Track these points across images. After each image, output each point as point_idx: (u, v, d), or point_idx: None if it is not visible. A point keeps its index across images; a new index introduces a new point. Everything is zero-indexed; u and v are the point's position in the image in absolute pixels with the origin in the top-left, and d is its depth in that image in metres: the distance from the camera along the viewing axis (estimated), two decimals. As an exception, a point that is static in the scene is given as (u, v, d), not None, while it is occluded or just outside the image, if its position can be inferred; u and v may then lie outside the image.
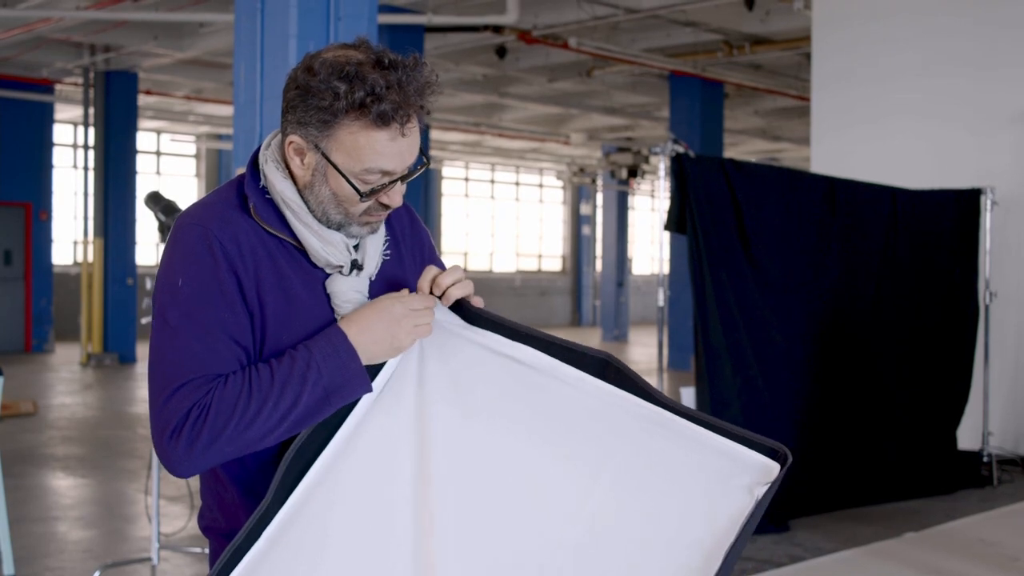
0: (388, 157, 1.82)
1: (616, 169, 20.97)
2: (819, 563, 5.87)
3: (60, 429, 10.17)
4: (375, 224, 1.93)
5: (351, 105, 1.78)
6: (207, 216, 1.89)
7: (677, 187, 6.52)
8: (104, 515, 6.99)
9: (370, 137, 1.80)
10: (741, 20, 13.19)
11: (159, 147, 23.27)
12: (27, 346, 17.47)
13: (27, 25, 12.95)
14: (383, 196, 1.87)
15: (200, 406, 1.78)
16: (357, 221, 1.90)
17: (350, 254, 1.92)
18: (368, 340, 1.84)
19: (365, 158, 1.81)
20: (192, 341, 1.82)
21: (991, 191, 8.30)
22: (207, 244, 1.85)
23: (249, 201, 1.91)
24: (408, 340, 1.85)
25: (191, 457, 1.78)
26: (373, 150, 1.81)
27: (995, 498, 7.60)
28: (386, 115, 1.78)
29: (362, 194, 1.84)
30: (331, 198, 1.87)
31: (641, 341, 22.24)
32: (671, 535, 1.80)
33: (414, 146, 1.85)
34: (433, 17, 11.84)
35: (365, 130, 1.80)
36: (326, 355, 1.81)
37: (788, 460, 1.81)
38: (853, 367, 7.39)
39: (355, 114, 1.79)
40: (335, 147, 1.83)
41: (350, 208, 1.88)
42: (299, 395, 1.79)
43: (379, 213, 1.90)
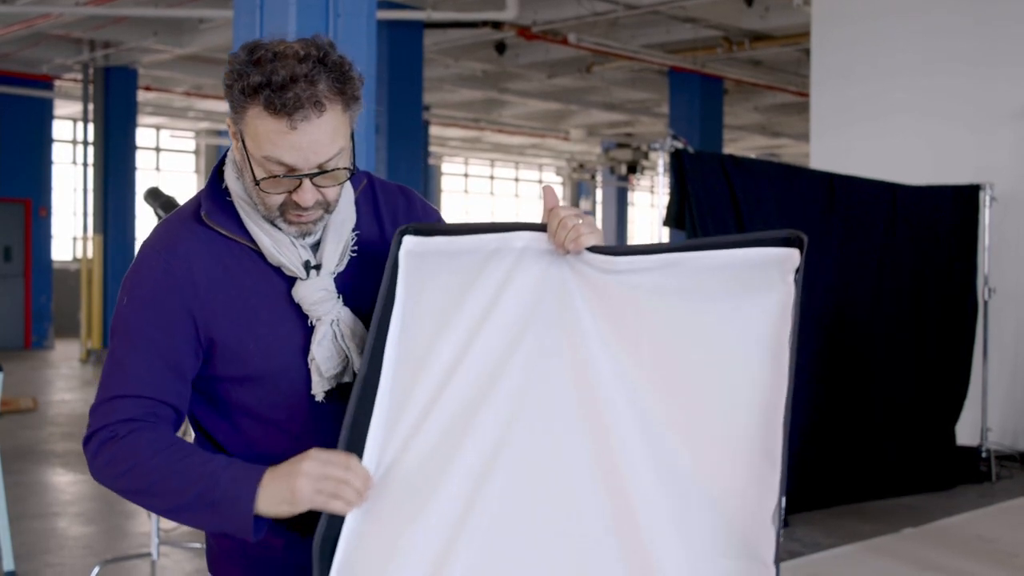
0: (282, 149, 1.76)
1: (615, 165, 20.96)
2: (818, 559, 5.87)
3: (60, 425, 10.18)
4: (304, 226, 1.86)
5: (248, 88, 1.75)
6: (166, 241, 1.90)
7: (676, 183, 6.52)
8: (104, 511, 7.00)
9: (265, 124, 1.76)
10: (741, 16, 13.19)
11: (159, 143, 23.27)
12: (27, 342, 17.47)
13: (27, 21, 12.95)
14: (294, 193, 1.81)
15: (110, 431, 1.82)
16: (281, 218, 1.85)
17: (301, 254, 1.89)
18: (272, 487, 1.77)
19: (264, 146, 1.78)
20: (127, 359, 1.85)
21: (990, 187, 8.31)
22: (153, 269, 1.88)
23: (202, 208, 1.90)
24: (307, 499, 1.75)
25: (94, 469, 1.85)
26: (268, 139, 1.77)
27: (994, 494, 7.60)
28: (273, 103, 1.73)
29: (256, 180, 1.81)
30: (251, 185, 1.85)
31: (641, 337, 22.21)
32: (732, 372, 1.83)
33: (320, 144, 1.77)
34: (432, 13, 11.83)
35: (261, 117, 1.76)
36: (226, 481, 1.77)
37: (804, 241, 1.91)
38: (852, 363, 7.39)
39: (254, 98, 1.76)
40: (246, 130, 1.81)
41: (265, 199, 1.83)
42: (187, 489, 1.77)
43: (298, 213, 1.83)
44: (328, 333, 1.89)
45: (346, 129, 1.83)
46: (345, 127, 1.83)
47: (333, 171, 1.81)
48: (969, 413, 8.30)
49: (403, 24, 12.10)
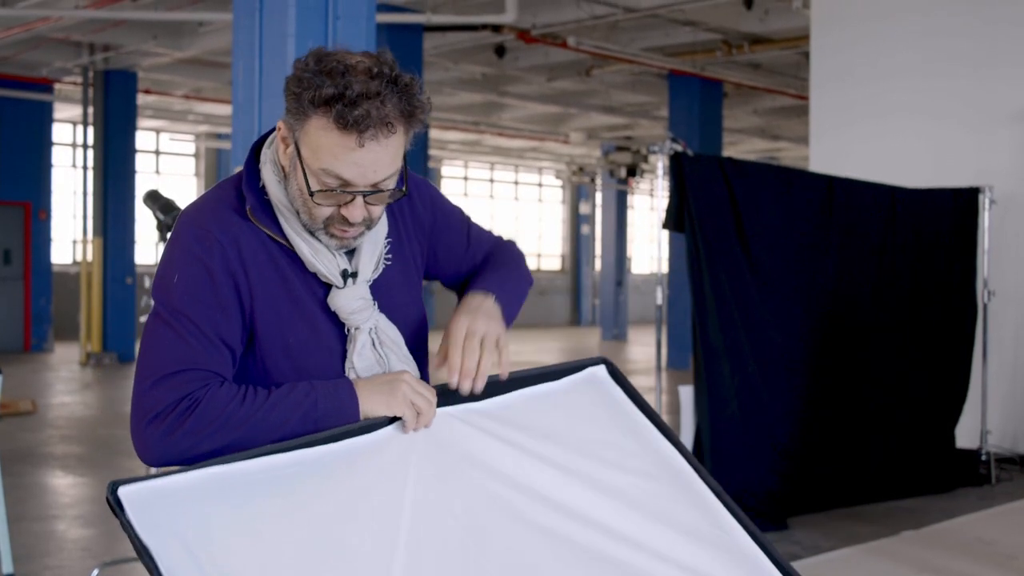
0: (344, 164, 1.77)
1: (615, 168, 20.98)
2: (817, 561, 5.87)
3: (59, 428, 10.17)
4: (345, 240, 1.88)
5: (319, 99, 1.75)
6: (209, 218, 1.88)
7: (675, 186, 6.52)
8: (103, 514, 6.99)
9: (331, 138, 1.76)
10: (740, 19, 13.20)
11: (158, 146, 23.27)
12: (26, 345, 17.46)
13: (26, 24, 12.95)
14: (344, 208, 1.82)
15: (191, 398, 1.77)
16: (323, 230, 1.86)
17: (339, 262, 1.90)
18: (368, 387, 1.84)
19: (323, 158, 1.78)
20: (183, 336, 1.82)
21: (989, 190, 8.31)
22: (207, 246, 1.85)
23: (247, 203, 1.90)
24: (403, 404, 1.84)
25: (166, 444, 1.77)
26: (330, 152, 1.77)
27: (993, 496, 7.60)
28: (345, 119, 1.73)
29: (311, 192, 1.80)
30: (298, 194, 1.85)
31: (640, 340, 22.24)
32: None
33: (381, 163, 1.79)
34: (432, 16, 11.83)
35: (327, 129, 1.76)
36: (327, 391, 1.81)
37: (608, 361, 2.09)
38: (851, 366, 7.39)
39: (323, 110, 1.75)
40: (304, 139, 1.80)
41: (312, 210, 1.83)
42: (288, 418, 1.78)
43: (343, 227, 1.85)
44: (367, 341, 1.91)
45: (402, 149, 1.84)
46: (403, 148, 1.84)
47: (387, 192, 1.83)
48: (968, 416, 8.30)
49: (402, 27, 12.11)
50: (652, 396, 11.78)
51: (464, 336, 1.91)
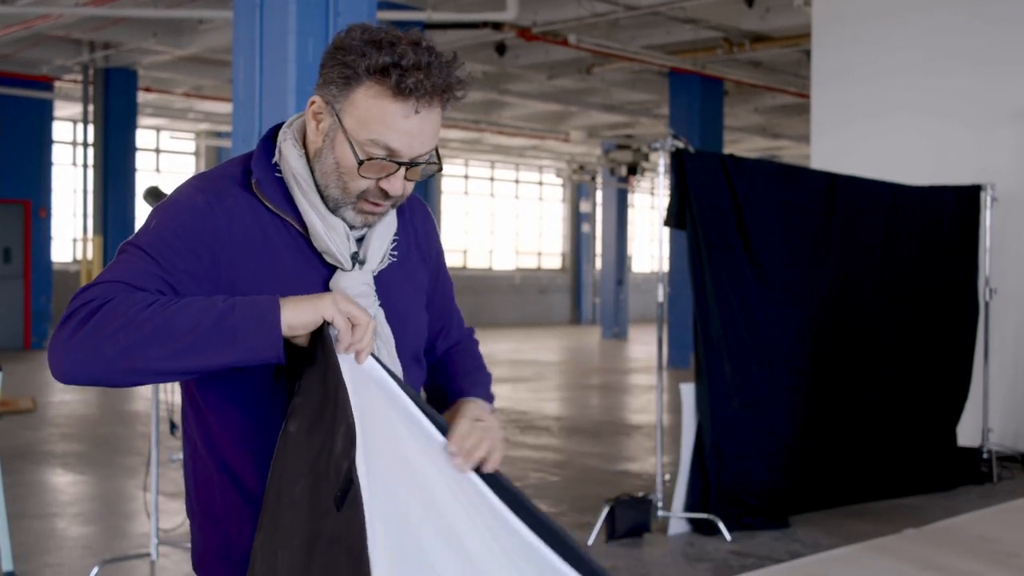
0: (396, 133, 1.77)
1: (616, 166, 21.00)
2: (819, 559, 5.86)
3: (59, 426, 10.17)
4: (371, 216, 1.86)
5: (375, 67, 1.75)
6: (207, 186, 1.86)
7: (676, 183, 6.51)
8: (103, 511, 6.99)
9: (383, 106, 1.76)
10: (741, 17, 13.19)
11: (158, 144, 23.28)
12: (26, 343, 17.46)
13: (26, 22, 12.94)
14: (384, 181, 1.81)
15: (100, 299, 1.68)
16: (353, 205, 1.84)
17: (351, 244, 1.87)
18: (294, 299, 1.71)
19: (373, 127, 1.77)
20: (132, 261, 1.76)
21: (991, 188, 8.30)
22: (195, 205, 1.81)
23: (252, 176, 1.87)
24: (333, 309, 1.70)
25: (65, 351, 1.65)
26: (383, 121, 1.76)
27: (995, 495, 7.59)
28: (405, 86, 1.74)
29: (360, 161, 1.78)
30: (334, 168, 1.82)
31: (641, 339, 22.24)
32: None
33: (426, 134, 1.79)
34: (432, 14, 11.84)
35: (380, 97, 1.76)
36: (246, 301, 1.70)
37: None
38: (852, 363, 7.38)
39: (376, 78, 1.75)
40: (349, 109, 1.79)
41: (349, 183, 1.81)
42: (199, 323, 1.65)
43: (377, 201, 1.84)
44: None
45: (438, 131, 1.84)
46: (439, 130, 1.84)
47: (429, 164, 1.83)
48: (970, 414, 8.29)
49: (403, 25, 12.03)
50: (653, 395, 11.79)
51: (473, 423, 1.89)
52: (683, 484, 6.50)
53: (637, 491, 7.04)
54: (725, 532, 6.25)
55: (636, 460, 8.91)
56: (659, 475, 6.55)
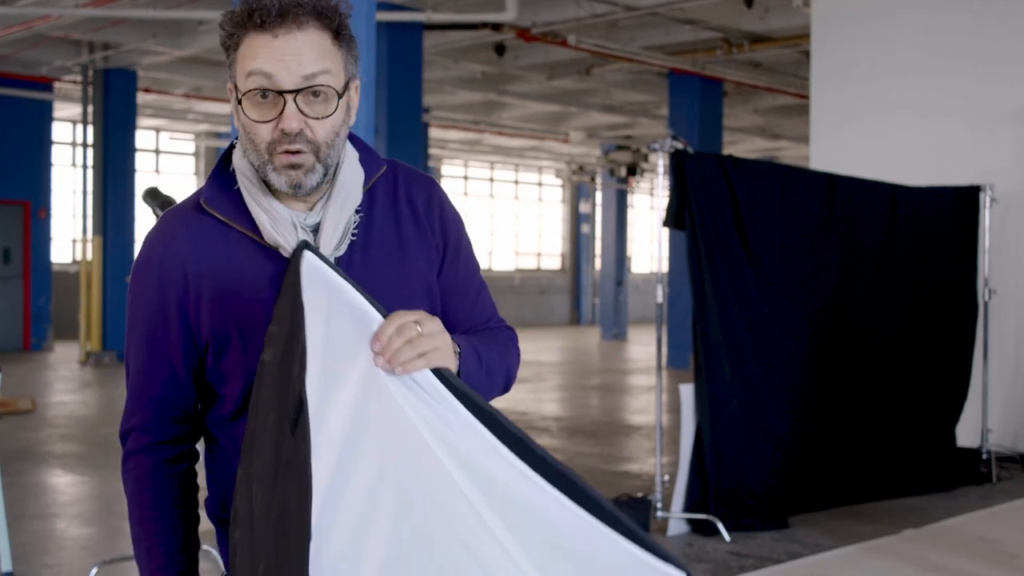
0: (262, 60, 1.76)
1: (615, 167, 20.99)
2: (818, 560, 5.86)
3: (59, 427, 10.17)
4: (294, 172, 1.79)
5: (239, 19, 1.78)
6: (161, 235, 1.90)
7: (676, 183, 6.51)
8: (102, 512, 6.99)
9: (252, 44, 1.77)
10: (740, 18, 13.19)
11: (158, 145, 23.27)
12: (26, 344, 17.46)
13: (26, 23, 12.94)
14: (280, 120, 1.76)
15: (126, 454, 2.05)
16: (271, 165, 1.79)
17: (299, 234, 1.82)
18: None
19: (247, 63, 1.78)
20: (137, 357, 1.95)
21: (990, 188, 8.30)
22: (155, 266, 1.89)
23: (202, 196, 1.89)
24: None
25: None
26: (252, 55, 1.77)
27: (994, 495, 7.59)
28: (257, 19, 1.76)
29: (239, 99, 1.78)
30: (243, 135, 1.82)
31: (640, 339, 22.24)
32: None
33: (301, 56, 1.76)
34: (432, 15, 11.83)
35: (249, 40, 1.78)
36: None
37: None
38: (852, 364, 7.39)
39: (241, 30, 1.79)
40: (238, 71, 1.80)
41: (254, 138, 1.79)
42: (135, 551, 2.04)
43: (287, 149, 1.77)
44: None
45: (337, 60, 1.80)
46: (336, 57, 1.80)
47: (317, 88, 1.77)
48: (969, 415, 8.30)
49: (402, 26, 12.10)
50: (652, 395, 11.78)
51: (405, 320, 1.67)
52: (682, 484, 6.50)
53: (636, 491, 7.04)
54: (724, 533, 6.25)
55: (635, 460, 8.91)
56: (658, 475, 6.55)
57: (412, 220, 1.95)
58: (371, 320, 1.68)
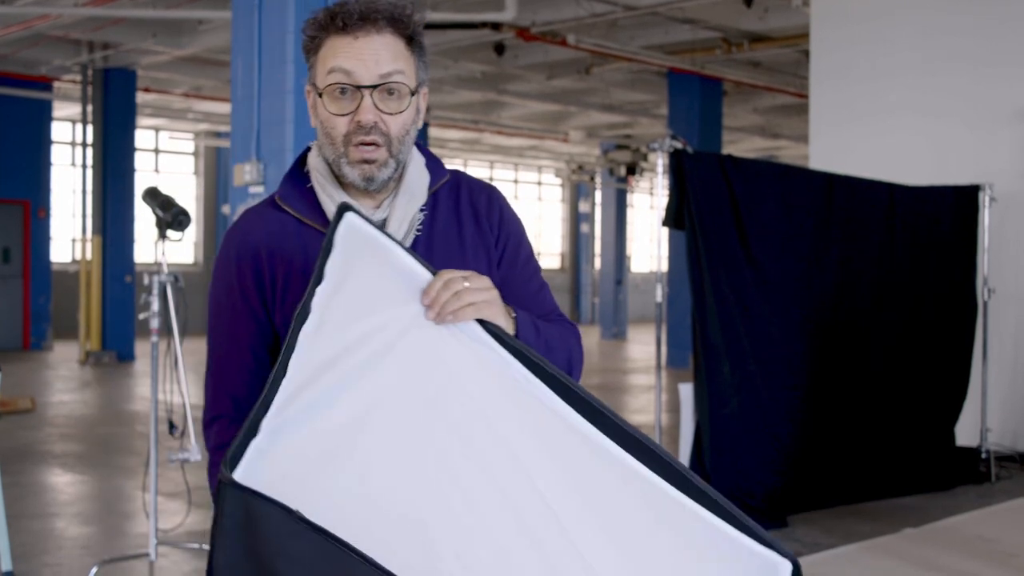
0: (342, 58, 1.90)
1: (615, 167, 20.99)
2: (818, 559, 5.87)
3: (58, 426, 10.17)
4: (367, 166, 1.92)
5: (321, 23, 1.93)
6: (239, 226, 2.04)
7: (675, 183, 6.52)
8: (102, 511, 6.99)
9: (333, 46, 1.92)
10: (740, 17, 13.19)
11: (158, 144, 23.27)
12: (25, 344, 17.46)
13: (25, 22, 12.94)
14: (356, 113, 1.91)
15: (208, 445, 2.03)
16: (347, 159, 1.92)
17: None
18: None
19: (328, 62, 1.92)
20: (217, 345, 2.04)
21: (990, 188, 8.30)
22: (229, 259, 2.01)
23: (277, 195, 2.03)
24: None
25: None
26: (333, 55, 1.91)
27: (993, 494, 7.60)
28: (339, 22, 1.90)
29: (320, 93, 1.92)
30: (321, 130, 1.95)
31: (640, 339, 22.24)
32: None
33: (374, 56, 1.90)
34: (431, 14, 11.82)
35: (330, 43, 1.92)
36: None
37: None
38: (851, 363, 7.39)
39: (324, 33, 1.93)
40: (319, 72, 1.95)
41: (332, 132, 1.93)
42: None
43: (362, 140, 1.91)
44: None
45: (410, 64, 1.95)
46: (408, 61, 1.95)
47: (392, 85, 1.91)
48: (969, 414, 8.30)
49: (402, 25, 12.09)
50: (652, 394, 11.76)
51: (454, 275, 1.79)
52: (682, 484, 6.49)
53: (636, 491, 7.03)
54: (724, 532, 6.24)
55: (635, 460, 8.90)
56: (658, 475, 6.54)
57: (473, 221, 2.06)
58: (420, 277, 1.77)
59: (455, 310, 1.73)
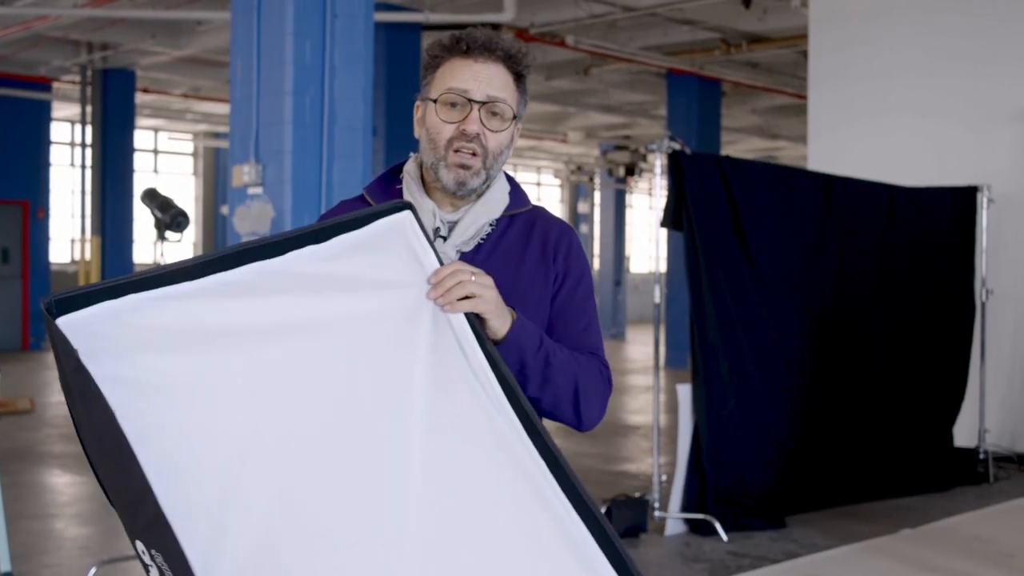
0: (460, 77, 2.11)
1: (613, 167, 20.98)
2: (815, 560, 5.88)
3: (57, 427, 10.17)
4: (463, 172, 2.10)
5: (446, 45, 2.15)
6: (333, 209, 2.23)
7: (673, 184, 6.52)
8: (101, 512, 6.99)
9: (452, 66, 2.13)
10: (738, 18, 13.20)
11: (156, 145, 23.27)
12: (24, 344, 17.45)
13: (24, 23, 12.94)
14: (463, 123, 2.10)
15: None
16: (445, 162, 2.11)
17: (435, 222, 2.13)
18: None
19: (447, 80, 2.12)
20: None
21: (988, 189, 8.32)
22: None
23: (366, 187, 2.24)
24: None
25: None
26: (453, 74, 2.12)
27: (991, 495, 7.61)
28: (464, 45, 2.12)
29: (435, 100, 2.12)
30: (426, 137, 2.15)
31: (638, 339, 22.25)
32: None
33: (488, 79, 2.11)
34: (430, 15, 11.84)
35: (451, 63, 2.14)
36: None
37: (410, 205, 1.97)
38: (849, 364, 7.40)
39: (448, 53, 2.15)
40: (435, 84, 2.15)
41: (436, 137, 2.12)
42: None
43: (463, 147, 2.10)
44: None
45: (514, 95, 2.15)
46: (513, 93, 2.15)
47: (499, 103, 2.11)
48: (967, 415, 8.31)
49: (401, 26, 12.11)
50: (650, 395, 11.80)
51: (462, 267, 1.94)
52: (680, 484, 6.51)
53: (634, 491, 7.05)
54: (722, 532, 6.26)
55: (633, 460, 8.92)
56: (656, 475, 6.56)
57: (540, 250, 2.20)
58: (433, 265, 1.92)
59: (453, 300, 1.89)
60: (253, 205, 7.16)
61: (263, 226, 7.08)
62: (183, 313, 1.72)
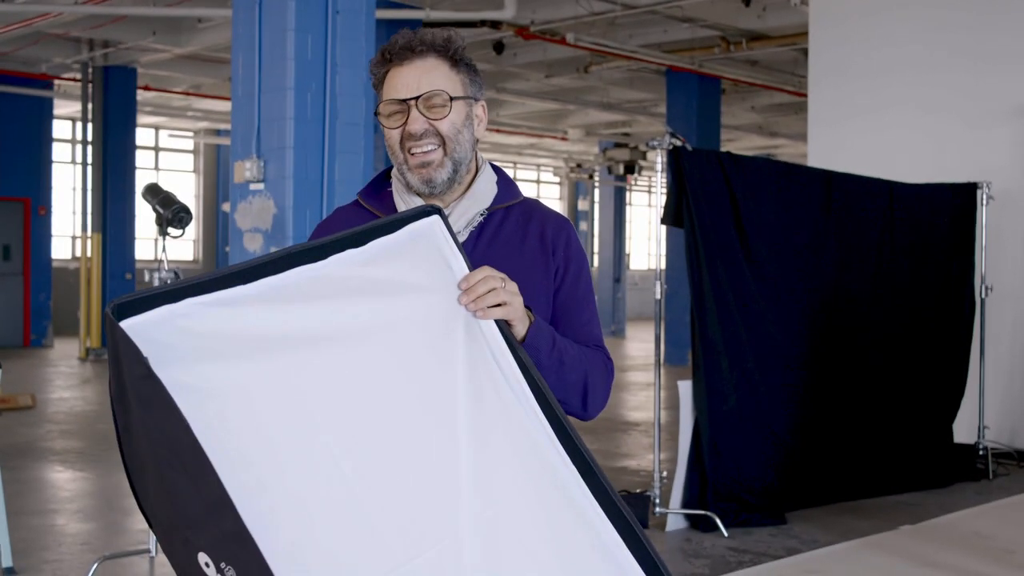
0: (393, 86, 2.16)
1: (613, 165, 20.98)
2: (816, 555, 5.89)
3: (58, 423, 10.18)
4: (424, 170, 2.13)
5: (379, 64, 2.19)
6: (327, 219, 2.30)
7: (674, 180, 6.53)
8: (102, 508, 7.01)
9: (388, 76, 2.18)
10: (738, 16, 13.21)
11: (157, 142, 23.28)
12: (26, 341, 17.47)
13: (26, 20, 12.95)
14: (407, 125, 2.14)
15: None
16: (407, 165, 2.15)
17: None
18: None
19: (385, 93, 2.18)
20: None
21: (987, 185, 8.33)
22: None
23: (360, 193, 2.30)
24: None
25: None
26: (389, 84, 2.18)
27: (991, 491, 7.62)
28: (389, 56, 2.17)
29: (376, 113, 2.18)
30: (387, 146, 2.20)
31: (638, 336, 22.26)
32: None
33: (417, 79, 2.15)
34: (431, 12, 11.85)
35: (389, 74, 2.18)
36: None
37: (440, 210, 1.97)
38: (849, 360, 7.41)
39: (381, 68, 2.19)
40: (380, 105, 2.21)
41: (392, 144, 2.17)
42: None
43: (412, 145, 2.13)
44: None
45: (454, 80, 2.17)
46: (452, 78, 2.17)
47: (432, 94, 2.13)
48: (966, 411, 8.32)
49: (401, 23, 12.11)
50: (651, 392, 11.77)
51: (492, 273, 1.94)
52: (680, 481, 6.53)
53: (635, 488, 7.06)
54: (722, 528, 6.27)
55: (634, 457, 8.93)
56: (657, 472, 6.57)
57: (539, 242, 2.21)
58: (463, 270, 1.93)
59: (487, 307, 1.90)
60: (255, 201, 7.18)
61: (264, 222, 7.10)
62: (235, 318, 1.73)
